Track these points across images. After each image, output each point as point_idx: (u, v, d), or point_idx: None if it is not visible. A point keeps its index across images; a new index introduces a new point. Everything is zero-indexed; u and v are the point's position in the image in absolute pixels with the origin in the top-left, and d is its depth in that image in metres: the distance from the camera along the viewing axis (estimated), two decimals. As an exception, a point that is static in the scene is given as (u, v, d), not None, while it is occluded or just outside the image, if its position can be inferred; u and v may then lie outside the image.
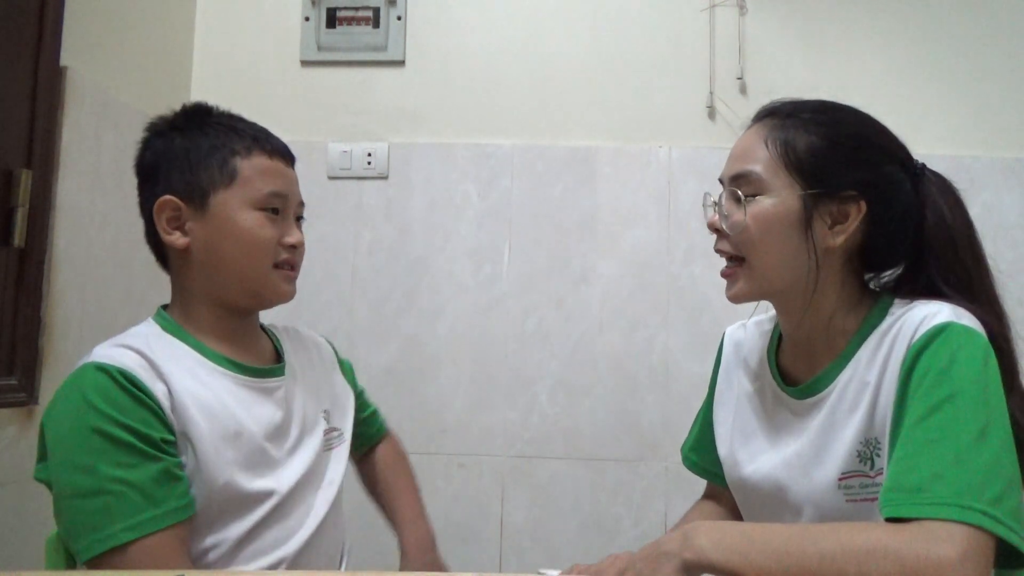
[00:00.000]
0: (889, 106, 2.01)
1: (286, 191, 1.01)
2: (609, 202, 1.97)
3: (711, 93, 1.97)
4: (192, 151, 0.99)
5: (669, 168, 1.97)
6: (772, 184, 0.90)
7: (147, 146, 1.03)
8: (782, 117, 0.93)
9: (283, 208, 1.01)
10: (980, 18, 1.96)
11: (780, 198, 0.90)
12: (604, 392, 1.93)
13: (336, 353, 1.22)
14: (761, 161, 0.91)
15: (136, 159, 1.03)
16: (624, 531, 1.88)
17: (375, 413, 1.29)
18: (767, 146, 0.91)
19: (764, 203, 0.90)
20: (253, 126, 1.03)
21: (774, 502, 0.95)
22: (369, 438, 1.27)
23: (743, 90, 1.98)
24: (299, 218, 1.06)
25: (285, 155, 1.04)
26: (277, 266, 1.00)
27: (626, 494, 1.90)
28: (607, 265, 1.96)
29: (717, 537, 0.74)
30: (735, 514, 1.08)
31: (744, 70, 1.97)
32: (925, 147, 1.74)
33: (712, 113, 1.98)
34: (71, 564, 0.90)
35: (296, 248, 1.02)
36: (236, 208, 0.97)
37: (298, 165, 1.07)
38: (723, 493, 1.09)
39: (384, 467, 1.27)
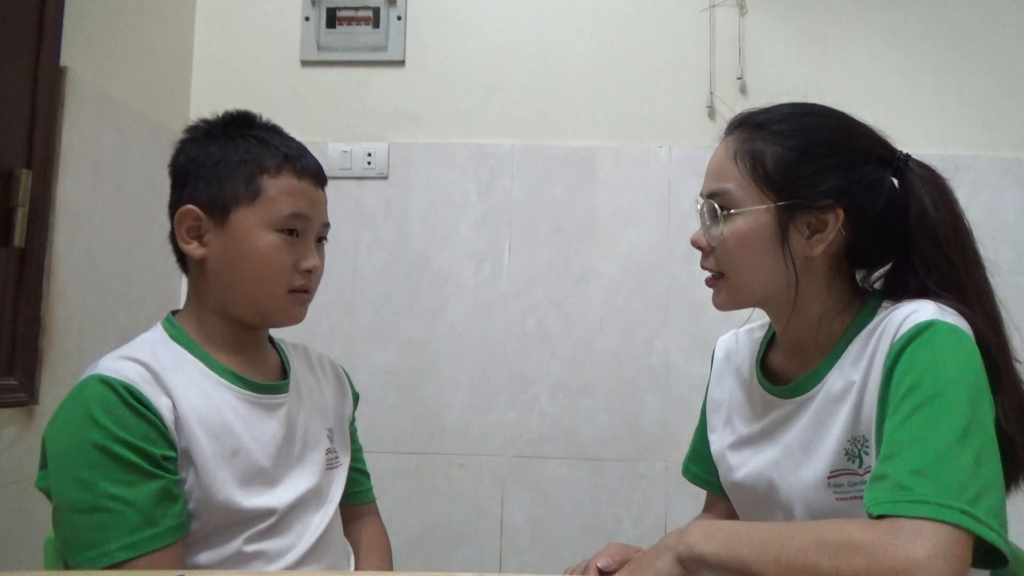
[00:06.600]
0: (889, 105, 2.00)
1: (309, 213, 1.00)
2: (609, 202, 1.97)
3: (711, 93, 1.97)
4: (221, 163, 0.97)
5: (669, 168, 1.97)
6: (745, 201, 0.90)
7: (181, 149, 1.01)
8: (751, 129, 0.92)
9: (303, 230, 1.00)
10: (980, 17, 1.96)
11: (754, 215, 0.90)
12: (604, 392, 1.93)
13: (351, 385, 1.20)
14: (733, 178, 0.91)
15: (170, 160, 1.02)
16: (624, 531, 1.87)
17: (367, 475, 1.21)
18: (736, 162, 0.91)
19: (739, 221, 0.90)
20: (289, 142, 1.02)
21: (765, 501, 0.96)
22: (356, 496, 1.17)
23: (743, 90, 1.97)
24: (321, 239, 1.05)
25: (316, 176, 1.03)
26: (292, 291, 0.99)
27: (626, 494, 1.90)
28: (607, 265, 1.96)
29: (708, 532, 0.79)
30: None
31: (744, 70, 1.97)
32: (925, 146, 1.74)
33: (712, 113, 1.98)
34: (71, 564, 0.91)
35: (312, 273, 1.01)
36: (255, 227, 0.96)
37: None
38: (722, 504, 1.10)
39: (366, 554, 1.14)
